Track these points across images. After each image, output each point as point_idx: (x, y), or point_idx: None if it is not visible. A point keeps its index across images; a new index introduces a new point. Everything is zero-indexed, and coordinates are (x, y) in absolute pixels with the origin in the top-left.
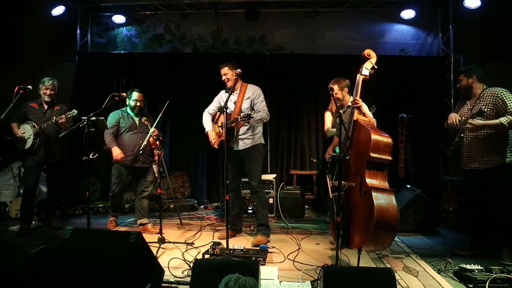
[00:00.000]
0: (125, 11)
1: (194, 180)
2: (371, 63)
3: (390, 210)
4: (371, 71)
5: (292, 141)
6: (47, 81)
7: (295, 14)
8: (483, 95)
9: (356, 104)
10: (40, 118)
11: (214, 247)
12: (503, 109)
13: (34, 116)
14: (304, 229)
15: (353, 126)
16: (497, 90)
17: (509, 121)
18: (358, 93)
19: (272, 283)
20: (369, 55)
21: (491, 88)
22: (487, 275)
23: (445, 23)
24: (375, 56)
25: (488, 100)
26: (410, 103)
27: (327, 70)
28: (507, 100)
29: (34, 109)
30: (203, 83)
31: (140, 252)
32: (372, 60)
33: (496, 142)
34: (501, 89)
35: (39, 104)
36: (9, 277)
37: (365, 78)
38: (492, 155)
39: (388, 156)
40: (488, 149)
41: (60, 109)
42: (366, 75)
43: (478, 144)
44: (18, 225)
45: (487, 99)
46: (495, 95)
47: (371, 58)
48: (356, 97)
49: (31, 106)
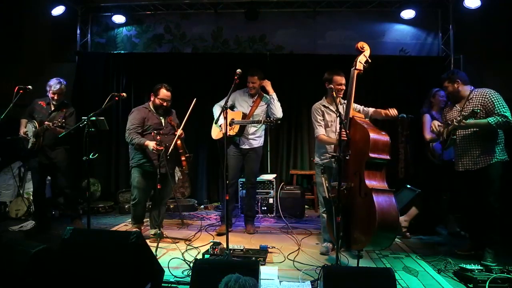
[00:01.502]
0: (125, 11)
1: (194, 180)
2: (364, 56)
3: (391, 212)
4: (365, 65)
5: (292, 141)
6: (54, 86)
7: (295, 14)
8: (473, 97)
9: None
10: (45, 117)
11: (214, 247)
12: (492, 110)
13: (39, 115)
14: (304, 229)
15: (349, 124)
16: (486, 91)
17: (497, 121)
18: (353, 88)
19: (272, 283)
20: (363, 48)
21: (480, 89)
22: (487, 275)
23: (445, 23)
24: (368, 49)
25: (477, 101)
26: (410, 103)
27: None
28: (496, 101)
29: (41, 107)
30: (203, 83)
31: (140, 252)
32: (366, 53)
33: (487, 142)
34: (490, 90)
35: (47, 104)
36: (9, 277)
37: (359, 72)
38: (485, 154)
39: (386, 156)
40: (480, 149)
41: (66, 113)
42: (360, 70)
43: (470, 144)
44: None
45: (476, 100)
46: (484, 96)
47: (364, 51)
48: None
49: (39, 104)
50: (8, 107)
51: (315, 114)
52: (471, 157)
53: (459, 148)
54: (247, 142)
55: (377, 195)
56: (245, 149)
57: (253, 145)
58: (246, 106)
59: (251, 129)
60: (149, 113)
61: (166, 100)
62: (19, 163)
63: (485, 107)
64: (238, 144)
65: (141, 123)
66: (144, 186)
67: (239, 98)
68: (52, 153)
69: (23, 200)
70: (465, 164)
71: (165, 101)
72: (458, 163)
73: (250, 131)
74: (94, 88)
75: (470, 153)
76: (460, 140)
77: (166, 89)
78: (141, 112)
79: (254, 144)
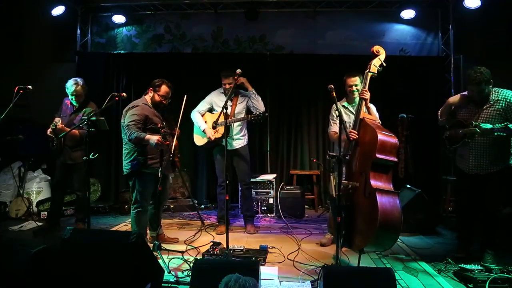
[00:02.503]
0: (125, 11)
1: (194, 180)
2: (379, 60)
3: (394, 213)
4: (379, 68)
5: (292, 141)
6: (70, 87)
7: (295, 14)
8: (496, 100)
9: (363, 95)
10: (66, 117)
11: (214, 247)
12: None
13: (63, 114)
14: (304, 229)
15: (359, 125)
16: (508, 94)
17: None
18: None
19: (272, 283)
20: (378, 52)
21: (501, 91)
22: (487, 275)
23: (445, 23)
24: (384, 53)
25: (501, 103)
26: (410, 103)
27: (327, 70)
28: None
29: (66, 106)
30: (203, 83)
31: (140, 252)
32: (381, 57)
33: (502, 148)
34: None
35: (71, 103)
36: (9, 277)
37: (373, 75)
38: (498, 160)
39: (393, 157)
40: (494, 155)
41: (84, 112)
42: (374, 73)
43: (486, 151)
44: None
45: (500, 102)
46: (508, 100)
47: (380, 55)
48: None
49: (65, 103)
50: (8, 107)
51: (332, 112)
52: (485, 162)
53: (472, 151)
54: (234, 142)
55: (381, 195)
56: (232, 150)
57: (239, 144)
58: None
59: (236, 129)
60: (150, 110)
61: (167, 97)
62: (19, 163)
63: (507, 111)
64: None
65: (142, 120)
66: (149, 190)
67: (216, 99)
68: (73, 154)
69: (23, 200)
70: (477, 168)
71: (166, 99)
72: (468, 166)
73: (235, 131)
74: (94, 88)
75: (485, 159)
76: (476, 144)
77: (168, 86)
78: (144, 109)
79: (241, 143)
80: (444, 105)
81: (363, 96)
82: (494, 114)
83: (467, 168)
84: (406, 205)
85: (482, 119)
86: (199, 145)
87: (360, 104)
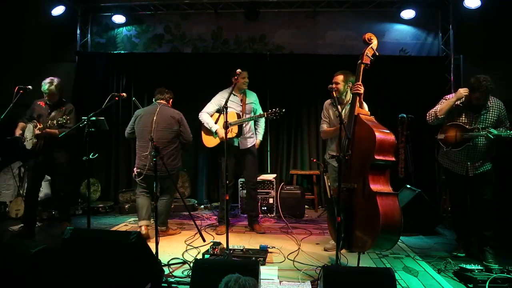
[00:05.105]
0: (125, 11)
1: (194, 180)
2: (372, 49)
3: (395, 216)
4: (372, 58)
5: (292, 141)
6: (44, 85)
7: (295, 14)
8: (492, 105)
9: (357, 89)
10: (45, 117)
11: (214, 247)
12: (503, 122)
13: (40, 115)
14: (304, 229)
15: (354, 122)
16: (499, 101)
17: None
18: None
19: (272, 283)
20: (370, 40)
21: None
22: (487, 275)
23: (445, 23)
24: (376, 40)
25: (496, 110)
26: (410, 103)
27: (327, 70)
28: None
29: (41, 107)
30: (203, 83)
31: (140, 252)
32: (373, 45)
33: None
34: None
35: (46, 104)
36: (9, 277)
37: (365, 66)
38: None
39: (392, 157)
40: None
41: (65, 110)
42: (367, 63)
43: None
44: (18, 225)
45: (495, 109)
46: (500, 107)
47: (372, 43)
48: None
49: (38, 104)
50: (8, 107)
51: (323, 110)
52: (476, 164)
53: (463, 153)
54: (245, 141)
55: (381, 198)
56: (242, 149)
57: (251, 143)
58: (236, 106)
59: (246, 128)
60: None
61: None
62: (19, 163)
63: (499, 117)
64: (235, 146)
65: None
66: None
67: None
68: (54, 154)
69: (23, 200)
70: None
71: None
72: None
73: (246, 129)
74: (94, 88)
75: (476, 160)
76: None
77: None
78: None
79: (251, 142)
80: (446, 103)
81: (357, 91)
82: (491, 119)
83: (461, 171)
84: (406, 205)
85: (481, 123)
86: (210, 146)
87: (354, 100)
